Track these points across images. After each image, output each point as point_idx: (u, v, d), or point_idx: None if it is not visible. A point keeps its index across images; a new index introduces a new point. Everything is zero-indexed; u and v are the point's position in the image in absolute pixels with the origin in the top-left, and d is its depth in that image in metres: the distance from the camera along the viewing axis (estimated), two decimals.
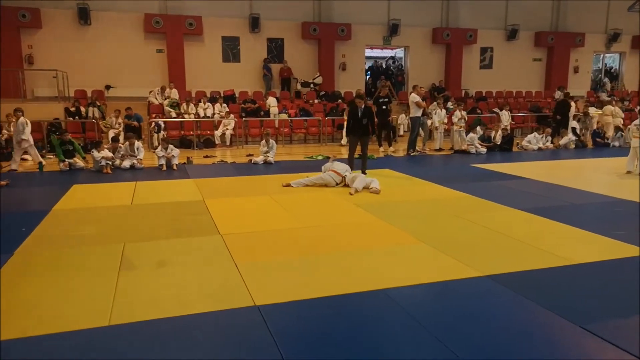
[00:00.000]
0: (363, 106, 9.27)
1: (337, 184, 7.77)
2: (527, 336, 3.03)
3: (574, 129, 14.18)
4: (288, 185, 7.80)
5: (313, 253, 4.55)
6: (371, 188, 7.39)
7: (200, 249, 4.68)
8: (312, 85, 17.51)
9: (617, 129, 14.36)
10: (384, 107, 12.38)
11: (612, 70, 23.45)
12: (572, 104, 14.38)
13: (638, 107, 13.46)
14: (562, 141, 13.72)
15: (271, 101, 15.44)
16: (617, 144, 13.97)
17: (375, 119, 12.04)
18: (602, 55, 23.01)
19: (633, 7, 17.18)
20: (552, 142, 13.64)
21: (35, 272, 4.08)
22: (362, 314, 3.31)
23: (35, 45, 15.13)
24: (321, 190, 7.51)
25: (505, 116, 14.60)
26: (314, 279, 3.89)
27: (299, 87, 17.48)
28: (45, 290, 3.68)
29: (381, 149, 12.48)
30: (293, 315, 3.29)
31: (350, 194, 7.21)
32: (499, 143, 12.95)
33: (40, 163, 9.87)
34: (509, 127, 14.21)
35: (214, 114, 14.58)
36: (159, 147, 10.17)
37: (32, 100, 14.66)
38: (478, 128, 13.11)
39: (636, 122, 9.13)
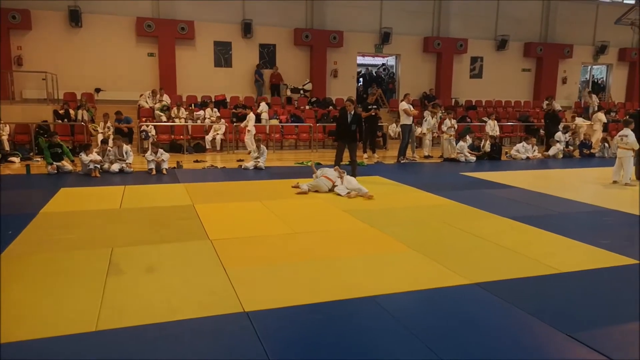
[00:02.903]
0: (353, 111, 9.30)
1: (328, 190, 7.80)
2: (515, 344, 3.05)
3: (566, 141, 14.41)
4: (300, 191, 7.81)
5: (303, 259, 4.55)
6: (365, 194, 7.48)
7: (189, 254, 4.65)
8: (302, 92, 17.57)
9: (603, 139, 14.58)
10: (373, 114, 12.58)
11: (599, 82, 23.82)
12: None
13: (623, 118, 13.66)
14: (551, 151, 13.89)
15: (263, 107, 15.43)
16: (600, 154, 14.17)
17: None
18: (589, 67, 23.38)
19: (621, 20, 17.49)
20: (544, 151, 13.89)
21: (21, 276, 4.02)
22: (351, 321, 3.31)
23: (24, 47, 15.00)
24: (312, 197, 7.51)
25: (491, 125, 14.81)
26: (303, 286, 3.88)
27: (288, 93, 17.52)
28: (31, 294, 3.64)
29: (365, 155, 12.56)
30: (282, 321, 3.28)
31: (350, 196, 7.43)
32: (487, 151, 13.07)
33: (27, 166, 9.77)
34: (497, 136, 14.38)
35: (204, 118, 14.54)
36: (149, 151, 10.11)
37: (21, 102, 14.53)
38: (467, 137, 13.23)
39: (621, 132, 9.28)
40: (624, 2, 21.71)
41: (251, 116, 13.67)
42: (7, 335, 2.99)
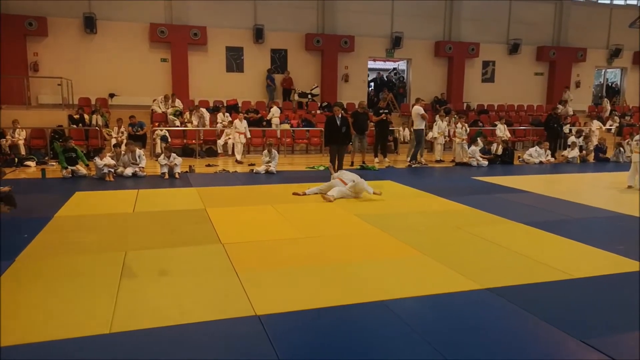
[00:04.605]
0: (340, 115, 9.67)
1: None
2: (527, 349, 3.02)
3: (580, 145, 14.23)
4: (297, 194, 7.86)
5: (314, 263, 4.56)
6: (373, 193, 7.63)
7: (202, 257, 4.69)
8: (309, 96, 17.61)
9: (618, 144, 14.39)
10: (384, 118, 12.69)
11: (614, 86, 23.55)
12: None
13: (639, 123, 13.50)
14: (570, 155, 13.71)
15: (274, 111, 15.51)
16: (615, 159, 13.98)
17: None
18: (603, 71, 23.13)
19: (634, 24, 17.29)
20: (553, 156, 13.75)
21: (36, 278, 4.08)
22: (362, 325, 3.31)
23: (40, 53, 15.26)
24: (323, 201, 7.52)
25: (501, 129, 14.74)
26: (314, 290, 3.89)
27: (296, 97, 17.58)
28: (46, 297, 3.69)
29: (376, 159, 12.59)
30: (293, 325, 3.29)
31: (377, 193, 7.53)
32: (499, 154, 12.97)
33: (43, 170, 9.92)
34: (509, 140, 14.29)
35: (216, 122, 14.64)
36: (162, 156, 10.21)
37: (36, 107, 14.74)
38: (479, 140, 13.16)
39: (637, 137, 9.16)
40: (639, 5, 21.50)
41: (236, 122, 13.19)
42: (21, 336, 3.04)
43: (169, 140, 13.46)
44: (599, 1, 21.43)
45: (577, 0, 20.96)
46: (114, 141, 12.65)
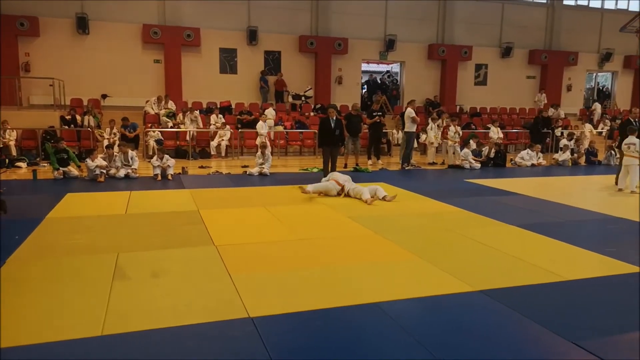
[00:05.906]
0: (335, 117, 9.75)
1: (337, 194, 7.92)
2: (520, 352, 3.04)
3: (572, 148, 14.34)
4: (304, 190, 7.99)
5: (307, 265, 4.55)
6: (384, 197, 7.70)
7: (195, 259, 4.67)
8: (303, 98, 17.62)
9: (609, 147, 14.52)
10: (378, 120, 12.75)
11: (604, 89, 23.78)
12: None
13: (628, 126, 13.60)
14: (561, 157, 13.81)
15: (268, 113, 15.47)
16: (606, 162, 14.10)
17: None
18: (594, 74, 23.36)
19: (626, 28, 17.48)
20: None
21: (27, 280, 4.05)
22: (355, 327, 3.31)
23: (32, 53, 15.17)
24: (316, 203, 7.52)
25: (494, 132, 14.84)
26: (308, 292, 3.88)
27: (290, 99, 17.59)
28: (38, 299, 3.66)
29: (370, 161, 12.64)
30: (287, 327, 3.28)
31: (367, 203, 7.40)
32: (491, 157, 13.04)
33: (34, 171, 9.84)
34: (501, 143, 14.39)
35: (209, 124, 14.61)
36: (155, 157, 10.16)
37: (28, 107, 14.65)
38: (471, 141, 13.22)
39: (627, 140, 9.25)
40: (629, 9, 21.74)
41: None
42: (12, 339, 3.01)
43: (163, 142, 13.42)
44: (591, 6, 21.66)
45: (569, 5, 21.17)
46: (106, 142, 12.59)
